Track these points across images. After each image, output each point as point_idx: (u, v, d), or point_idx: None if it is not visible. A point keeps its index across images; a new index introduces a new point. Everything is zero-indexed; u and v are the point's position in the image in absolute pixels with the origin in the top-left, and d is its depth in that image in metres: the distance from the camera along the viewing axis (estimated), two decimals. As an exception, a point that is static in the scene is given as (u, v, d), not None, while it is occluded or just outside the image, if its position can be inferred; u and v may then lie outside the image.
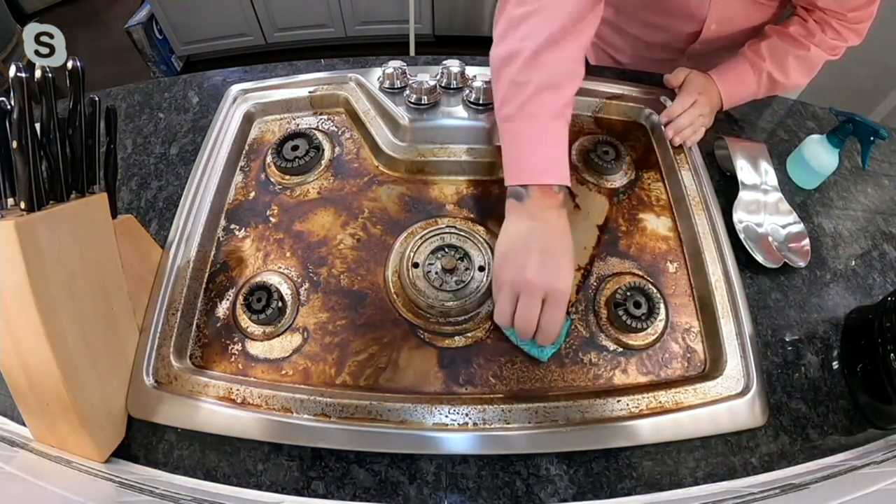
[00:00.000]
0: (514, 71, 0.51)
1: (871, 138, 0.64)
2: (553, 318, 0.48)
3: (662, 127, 0.70)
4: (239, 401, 0.50)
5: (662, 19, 0.76)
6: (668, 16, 0.75)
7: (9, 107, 0.42)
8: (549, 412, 0.50)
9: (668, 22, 0.76)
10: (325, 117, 0.74)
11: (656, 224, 0.65)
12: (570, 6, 0.51)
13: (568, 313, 0.54)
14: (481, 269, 0.58)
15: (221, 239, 0.63)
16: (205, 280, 0.60)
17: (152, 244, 0.59)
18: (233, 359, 0.55)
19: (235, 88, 0.74)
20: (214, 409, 0.50)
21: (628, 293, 0.56)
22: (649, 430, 0.49)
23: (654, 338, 0.56)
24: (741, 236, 0.62)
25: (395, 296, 0.58)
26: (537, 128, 0.51)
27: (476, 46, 2.33)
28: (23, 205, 0.43)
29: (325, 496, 0.48)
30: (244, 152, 0.70)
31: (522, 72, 0.51)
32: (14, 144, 0.42)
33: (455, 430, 0.49)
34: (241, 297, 0.57)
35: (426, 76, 0.69)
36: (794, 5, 0.72)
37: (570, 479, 0.49)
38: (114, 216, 0.53)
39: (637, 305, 0.56)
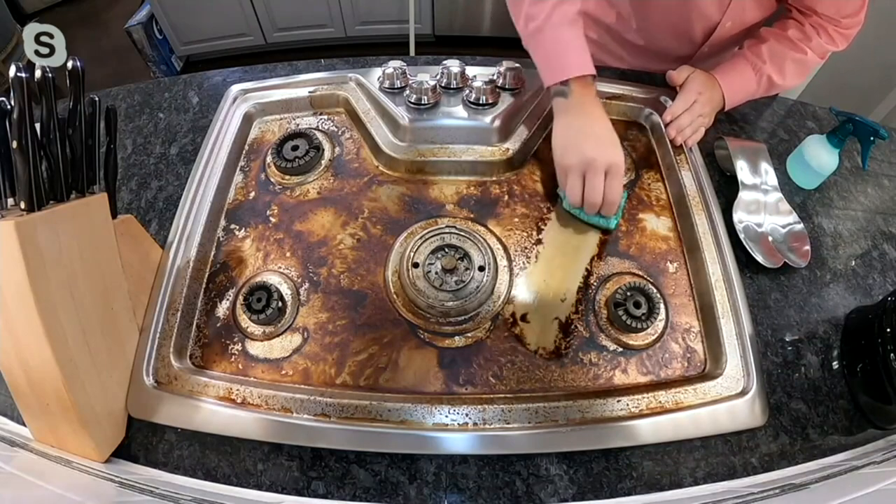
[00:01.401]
0: None
1: (871, 138, 0.64)
2: (615, 188, 0.58)
3: (663, 126, 0.70)
4: (239, 401, 0.50)
5: (681, 23, 0.76)
6: (687, 19, 0.75)
7: (9, 107, 0.42)
8: (549, 412, 0.50)
9: (684, 25, 0.76)
10: (325, 117, 0.74)
11: (656, 224, 0.65)
12: None
13: (624, 187, 0.62)
14: (481, 269, 0.59)
15: (221, 239, 0.63)
16: (205, 280, 0.60)
17: (152, 244, 0.59)
18: (233, 359, 0.55)
19: (235, 88, 0.74)
20: (214, 409, 0.50)
21: (628, 293, 0.56)
22: (649, 430, 0.49)
23: (654, 338, 0.56)
24: (741, 236, 0.62)
25: (395, 296, 0.58)
26: (563, 33, 0.61)
27: (476, 46, 2.33)
28: (23, 205, 0.43)
29: (325, 496, 0.48)
30: (244, 152, 0.70)
31: None
32: (14, 144, 0.42)
33: (455, 430, 0.49)
34: (241, 297, 0.57)
35: (426, 76, 0.69)
36: (788, 6, 0.73)
37: (570, 479, 0.49)
38: (114, 216, 0.53)
39: (637, 305, 0.56)
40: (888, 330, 0.52)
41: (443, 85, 0.71)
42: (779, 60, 0.71)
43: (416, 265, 0.59)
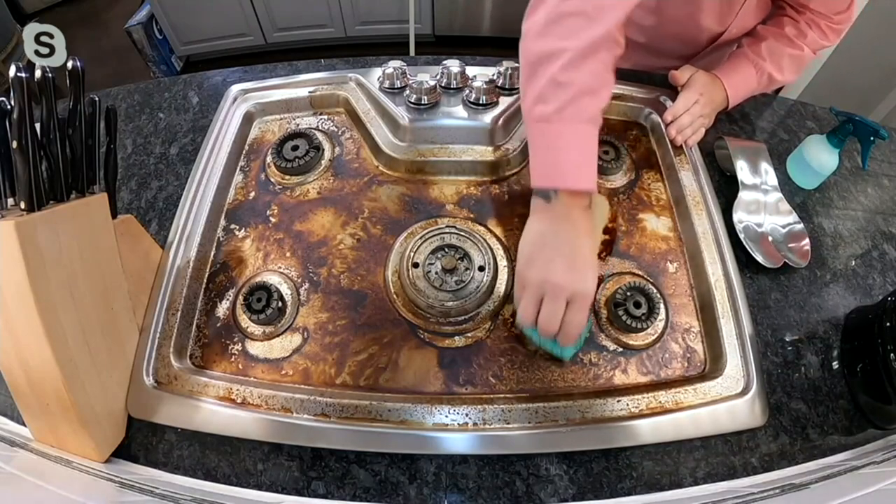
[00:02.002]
0: (557, 70, 0.49)
1: (871, 138, 0.64)
2: (577, 320, 0.48)
3: (664, 126, 0.70)
4: (239, 401, 0.50)
5: (692, 24, 0.76)
6: (695, 29, 0.76)
7: (9, 107, 0.42)
8: (549, 412, 0.50)
9: (696, 27, 0.76)
10: (325, 117, 0.74)
11: (656, 224, 0.65)
12: (617, 10, 0.50)
13: (589, 316, 0.53)
14: (481, 269, 0.58)
15: (221, 239, 0.63)
16: (205, 280, 0.60)
17: (152, 244, 0.59)
18: (233, 359, 0.55)
19: (235, 88, 0.74)
20: (214, 409, 0.50)
21: (628, 293, 0.56)
22: (649, 430, 0.49)
23: (654, 338, 0.56)
24: (741, 236, 0.62)
25: (395, 296, 0.58)
26: (574, 132, 0.50)
27: (476, 46, 2.33)
28: (23, 205, 0.43)
29: (325, 496, 0.48)
30: (244, 152, 0.70)
31: (565, 72, 0.49)
32: (14, 144, 0.42)
33: (455, 430, 0.49)
34: (241, 297, 0.57)
35: (426, 76, 0.69)
36: (782, 3, 0.74)
37: (570, 479, 0.49)
38: (114, 216, 0.53)
39: (637, 305, 0.56)
40: (888, 330, 0.52)
41: (443, 85, 0.71)
42: (777, 57, 0.72)
43: (416, 265, 0.59)
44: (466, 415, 0.50)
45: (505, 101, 0.69)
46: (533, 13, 0.53)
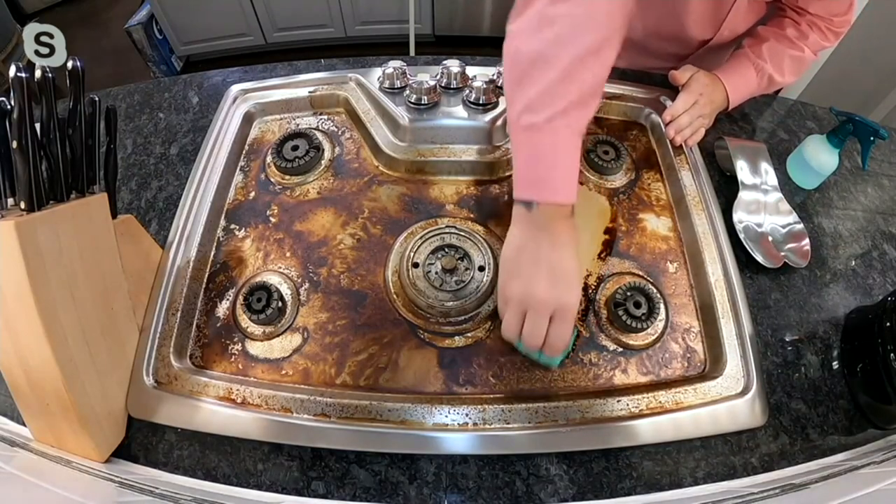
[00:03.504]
0: (550, 79, 0.47)
1: (871, 138, 0.64)
2: (561, 333, 0.48)
3: (663, 126, 0.70)
4: (239, 401, 0.50)
5: (679, 30, 0.76)
6: (684, 27, 0.76)
7: (9, 107, 0.42)
8: (549, 412, 0.50)
9: (683, 32, 0.76)
10: (325, 117, 0.74)
11: (656, 224, 0.65)
12: (613, 14, 0.48)
13: (575, 326, 0.53)
14: (481, 269, 0.58)
15: (221, 239, 0.63)
16: (205, 280, 0.60)
17: (152, 244, 0.59)
18: (233, 359, 0.55)
19: (235, 88, 0.74)
20: (214, 409, 0.50)
21: (628, 293, 0.56)
22: (649, 430, 0.49)
23: (654, 338, 0.56)
24: (741, 236, 0.62)
25: (395, 296, 0.58)
26: (561, 143, 0.48)
27: (476, 46, 2.33)
28: (23, 205, 0.43)
29: (325, 496, 0.48)
30: (244, 152, 0.70)
31: (559, 83, 0.47)
32: (14, 144, 0.42)
33: (455, 430, 0.49)
34: (241, 297, 0.57)
35: (426, 76, 0.69)
36: (781, 5, 0.74)
37: (570, 479, 0.49)
38: (114, 216, 0.53)
39: (637, 305, 0.56)
40: (888, 330, 0.52)
41: (443, 85, 0.71)
42: (778, 59, 0.72)
43: (416, 265, 0.59)
44: (466, 415, 0.50)
45: (505, 101, 0.69)
46: (522, 11, 0.50)
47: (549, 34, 0.48)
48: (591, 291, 0.59)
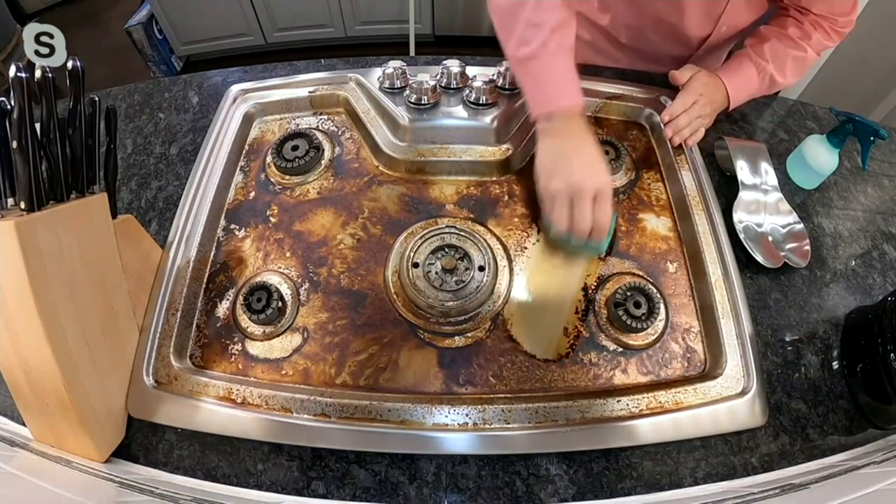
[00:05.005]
0: (529, 13, 0.57)
1: (871, 138, 0.64)
2: (605, 213, 0.55)
3: (663, 126, 0.70)
4: (239, 401, 0.50)
5: (677, 25, 0.76)
6: (681, 26, 0.75)
7: (9, 107, 0.42)
8: (549, 412, 0.50)
9: (681, 28, 0.76)
10: (325, 117, 0.74)
11: (656, 224, 0.65)
12: None
13: (613, 210, 0.59)
14: (481, 269, 0.58)
15: (221, 239, 0.63)
16: (205, 280, 0.60)
17: (152, 244, 0.59)
18: (233, 359, 0.55)
19: (235, 88, 0.74)
20: (214, 409, 0.50)
21: (628, 293, 0.56)
22: (649, 430, 0.49)
23: (654, 338, 0.56)
24: (741, 236, 0.62)
25: (395, 296, 0.58)
26: (556, 62, 0.58)
27: (476, 46, 2.32)
28: (23, 205, 0.43)
29: (325, 496, 0.48)
30: (244, 152, 0.70)
31: (536, 14, 0.57)
32: (14, 144, 0.42)
33: (455, 430, 0.49)
34: (241, 297, 0.57)
35: (426, 76, 0.69)
36: (783, 5, 0.73)
37: (570, 479, 0.49)
38: (114, 216, 0.53)
39: (637, 305, 0.56)
40: (888, 330, 0.52)
41: (443, 85, 0.71)
42: (780, 59, 0.71)
43: (416, 265, 0.59)
44: (466, 415, 0.50)
45: (505, 101, 0.69)
46: None
47: None
48: (591, 291, 0.59)
